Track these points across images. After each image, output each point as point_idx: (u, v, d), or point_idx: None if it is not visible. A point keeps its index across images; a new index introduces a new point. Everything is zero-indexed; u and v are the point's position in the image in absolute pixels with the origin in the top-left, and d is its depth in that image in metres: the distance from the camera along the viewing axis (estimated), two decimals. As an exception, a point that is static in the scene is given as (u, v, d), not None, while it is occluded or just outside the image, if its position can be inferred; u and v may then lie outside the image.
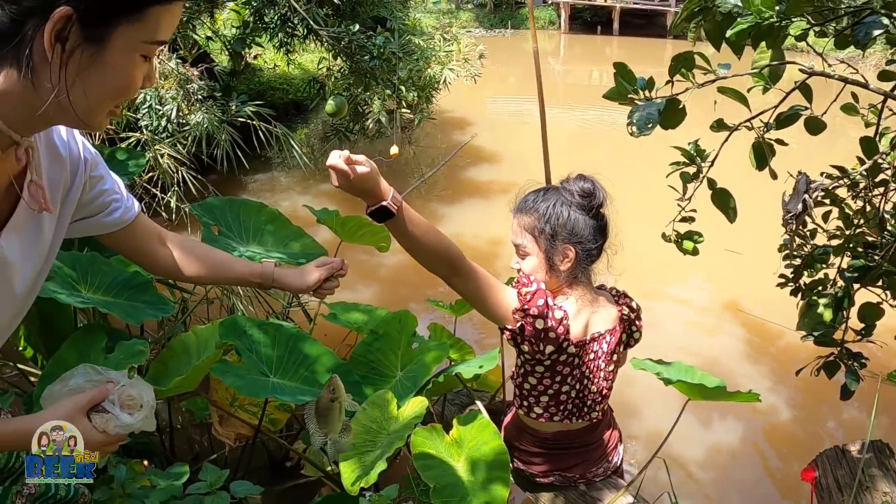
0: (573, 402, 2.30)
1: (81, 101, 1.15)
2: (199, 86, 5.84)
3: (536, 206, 2.20)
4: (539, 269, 2.23)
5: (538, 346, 2.14)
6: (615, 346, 2.30)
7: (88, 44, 1.11)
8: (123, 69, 1.16)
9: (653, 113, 1.91)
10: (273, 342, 2.93)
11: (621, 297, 2.39)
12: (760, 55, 2.16)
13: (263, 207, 3.92)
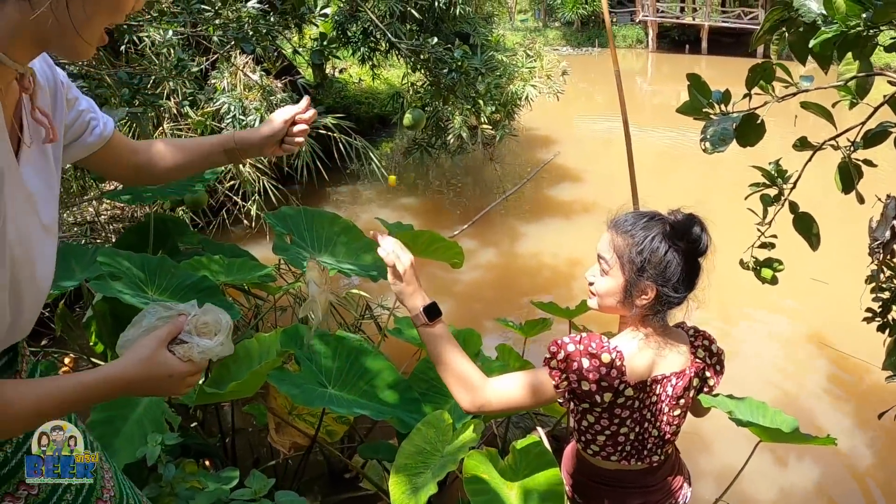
0: (631, 443, 2.16)
1: (80, 17, 1.14)
2: (282, 97, 5.90)
3: (635, 231, 2.04)
4: (612, 294, 2.09)
5: (594, 399, 2.03)
6: (682, 391, 2.13)
7: None
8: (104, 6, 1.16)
9: (728, 128, 1.80)
10: (334, 354, 2.91)
11: (699, 338, 2.20)
12: (846, 67, 2.00)
13: (337, 218, 3.92)
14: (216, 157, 1.83)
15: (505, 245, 8.01)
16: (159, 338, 1.34)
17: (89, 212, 7.09)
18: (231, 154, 1.81)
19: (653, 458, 2.17)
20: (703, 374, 2.17)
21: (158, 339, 1.34)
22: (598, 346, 1.97)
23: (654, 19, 29.67)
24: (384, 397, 2.81)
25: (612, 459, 2.16)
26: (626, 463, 2.17)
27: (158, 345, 1.33)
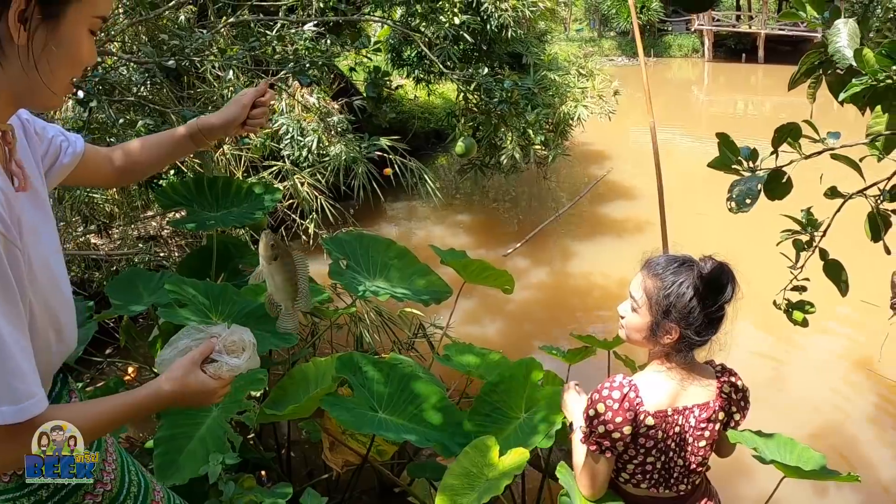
0: (659, 472, 2.27)
1: (48, 74, 1.30)
2: (338, 119, 6.09)
3: (665, 275, 2.17)
4: (640, 330, 2.23)
5: (621, 435, 2.16)
6: (706, 422, 2.23)
7: (47, 21, 1.26)
8: (78, 41, 1.32)
9: (753, 188, 1.88)
10: (386, 379, 3.06)
11: (724, 374, 2.31)
12: (876, 120, 2.03)
13: (392, 244, 4.08)
14: (185, 145, 1.97)
15: (557, 264, 8.09)
16: (193, 359, 1.52)
17: (153, 226, 7.36)
18: (197, 139, 1.95)
19: (680, 487, 2.28)
20: (728, 410, 2.26)
21: (192, 361, 1.51)
22: (611, 387, 2.14)
23: (709, 28, 29.38)
24: (431, 420, 2.94)
25: (641, 487, 2.28)
26: (655, 491, 2.28)
27: (192, 366, 1.51)
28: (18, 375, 1.26)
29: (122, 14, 5.06)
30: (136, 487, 1.83)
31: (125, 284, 3.65)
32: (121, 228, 6.92)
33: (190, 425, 2.76)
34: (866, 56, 1.82)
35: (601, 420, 2.13)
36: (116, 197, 6.61)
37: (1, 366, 1.23)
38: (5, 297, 1.23)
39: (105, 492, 1.70)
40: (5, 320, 1.22)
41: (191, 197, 4.04)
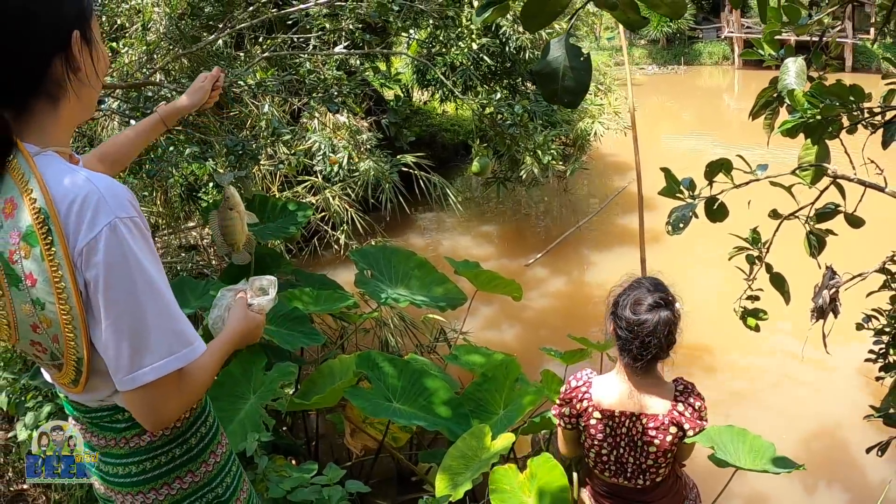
0: (614, 464, 2.63)
1: (91, 94, 1.57)
2: (367, 136, 6.52)
3: (623, 283, 2.63)
4: (610, 332, 2.66)
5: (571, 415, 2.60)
6: (656, 432, 2.54)
7: (87, 46, 1.51)
8: (102, 47, 1.58)
9: (686, 214, 2.27)
10: (400, 374, 3.50)
11: (683, 394, 2.61)
12: (807, 150, 2.33)
13: (412, 255, 4.53)
14: (159, 128, 2.35)
15: (575, 274, 8.43)
16: (243, 304, 1.86)
17: (193, 236, 7.83)
18: (169, 121, 2.33)
19: (637, 482, 2.64)
20: (680, 425, 2.56)
21: (243, 306, 1.85)
22: (574, 377, 2.59)
23: (739, 35, 29.22)
24: (439, 412, 3.38)
25: (605, 475, 2.68)
26: (616, 480, 2.67)
27: (245, 308, 1.84)
28: (184, 323, 1.50)
29: (167, 46, 5.53)
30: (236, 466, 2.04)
31: (175, 290, 4.10)
32: (163, 238, 7.37)
33: (231, 410, 3.22)
34: (797, 96, 2.13)
35: (560, 399, 2.60)
36: (161, 209, 7.08)
37: (170, 318, 1.46)
38: (160, 270, 1.46)
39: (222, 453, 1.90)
40: (164, 283, 1.47)
41: (231, 213, 4.52)
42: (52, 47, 1.46)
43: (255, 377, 3.35)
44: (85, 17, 1.51)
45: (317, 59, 5.51)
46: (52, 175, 1.42)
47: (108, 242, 1.38)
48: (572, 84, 1.39)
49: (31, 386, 4.01)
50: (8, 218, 1.43)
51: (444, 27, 5.75)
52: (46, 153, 1.47)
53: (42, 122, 1.50)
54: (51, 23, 1.45)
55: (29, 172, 1.42)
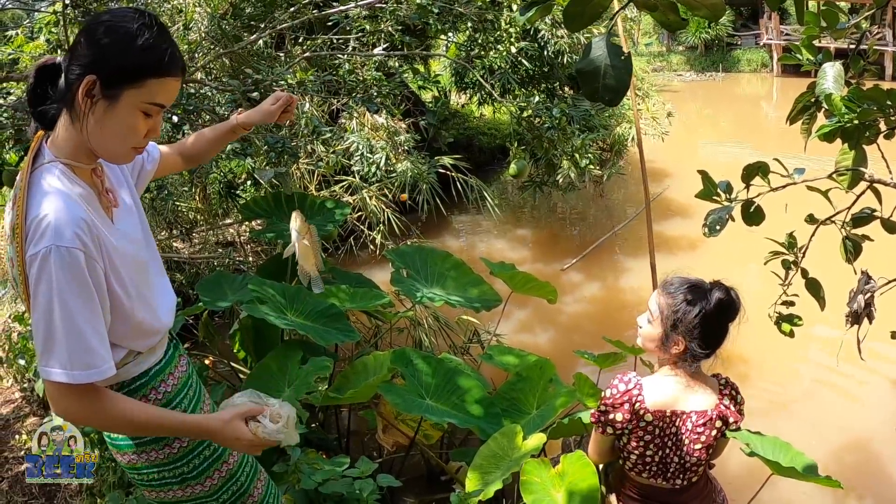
0: (657, 465, 2.60)
1: (99, 139, 1.72)
2: (405, 138, 6.56)
3: (677, 294, 2.50)
4: (652, 340, 2.57)
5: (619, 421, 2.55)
6: (703, 427, 2.53)
7: (105, 100, 1.67)
8: (128, 120, 1.71)
9: (723, 217, 2.27)
10: (434, 372, 3.53)
11: (726, 387, 2.60)
12: (843, 155, 2.34)
13: (449, 256, 4.55)
14: (227, 139, 2.51)
15: (609, 279, 8.41)
16: (240, 412, 1.88)
17: (230, 233, 7.94)
18: (238, 132, 2.44)
19: (676, 482, 2.62)
20: (725, 418, 2.56)
21: (239, 413, 1.88)
22: (621, 380, 2.55)
23: (778, 42, 28.87)
24: (471, 410, 3.40)
25: (643, 476, 2.66)
26: (654, 481, 2.65)
27: (238, 416, 1.87)
28: (88, 350, 1.65)
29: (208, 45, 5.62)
30: (249, 467, 2.26)
31: (213, 284, 4.20)
32: (202, 234, 7.48)
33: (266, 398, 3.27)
34: (834, 100, 2.15)
35: (605, 404, 2.55)
36: (200, 206, 7.19)
37: (78, 339, 1.64)
38: (82, 296, 1.65)
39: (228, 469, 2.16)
40: (79, 311, 1.65)
41: (270, 210, 4.59)
42: (80, 72, 1.66)
43: (291, 371, 3.40)
44: (119, 74, 1.67)
45: (356, 60, 5.56)
46: (34, 193, 1.68)
47: (39, 264, 1.62)
48: (613, 83, 1.42)
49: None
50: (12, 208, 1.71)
51: (483, 30, 5.78)
52: (50, 165, 1.73)
53: (61, 133, 1.74)
54: (92, 52, 1.66)
55: (19, 181, 1.70)
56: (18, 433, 4.57)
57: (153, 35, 1.70)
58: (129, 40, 1.67)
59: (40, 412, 4.82)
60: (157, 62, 1.70)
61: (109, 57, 1.66)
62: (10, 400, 5.09)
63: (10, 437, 4.56)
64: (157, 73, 1.70)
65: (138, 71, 1.68)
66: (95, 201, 1.80)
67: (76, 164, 1.76)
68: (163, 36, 1.73)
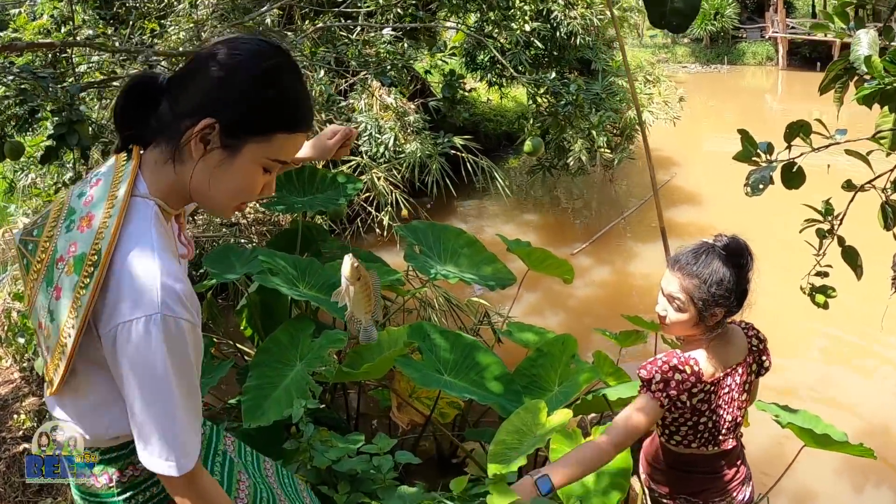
0: (709, 431, 2.53)
1: (206, 190, 1.47)
2: (414, 118, 6.45)
3: (699, 271, 2.42)
4: (685, 324, 2.49)
5: (687, 404, 2.45)
6: (746, 377, 2.53)
7: (223, 149, 1.42)
8: (246, 175, 1.46)
9: (766, 176, 2.16)
10: (452, 347, 3.41)
11: (749, 330, 2.59)
12: (884, 119, 2.25)
13: (462, 233, 4.43)
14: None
15: (619, 264, 8.32)
16: None
17: (235, 214, 7.78)
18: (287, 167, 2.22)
19: (726, 443, 2.55)
20: (759, 359, 2.56)
21: None
22: (680, 362, 2.42)
23: (783, 36, 28.73)
24: (491, 387, 3.28)
25: (692, 447, 2.56)
26: (704, 449, 2.55)
27: None
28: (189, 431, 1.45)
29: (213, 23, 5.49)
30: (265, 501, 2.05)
31: (220, 257, 4.07)
32: (205, 215, 7.36)
33: (276, 377, 3.16)
34: (874, 62, 2.06)
35: (673, 387, 2.40)
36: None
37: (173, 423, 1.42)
38: (186, 374, 1.43)
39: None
40: (185, 387, 1.43)
41: (280, 183, 4.46)
42: (195, 111, 1.41)
43: (303, 344, 3.28)
44: (246, 124, 1.43)
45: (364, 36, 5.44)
46: (133, 230, 1.43)
47: (140, 334, 1.37)
48: (681, 5, 1.31)
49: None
50: (80, 228, 1.44)
51: (497, 7, 5.66)
52: (148, 201, 1.46)
53: (154, 166, 1.48)
54: (214, 90, 1.42)
55: (117, 210, 1.41)
56: (17, 413, 4.48)
57: (291, 81, 1.48)
58: (262, 85, 1.43)
59: (39, 392, 4.73)
60: (292, 116, 1.47)
61: (236, 101, 1.41)
62: (9, 380, 4.99)
63: (9, 418, 4.47)
64: (289, 128, 1.47)
65: (269, 123, 1.44)
66: (175, 252, 1.54)
67: (165, 206, 1.50)
68: (301, 83, 1.51)
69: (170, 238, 1.51)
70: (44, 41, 4.07)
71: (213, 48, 1.46)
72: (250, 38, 1.49)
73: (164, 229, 1.48)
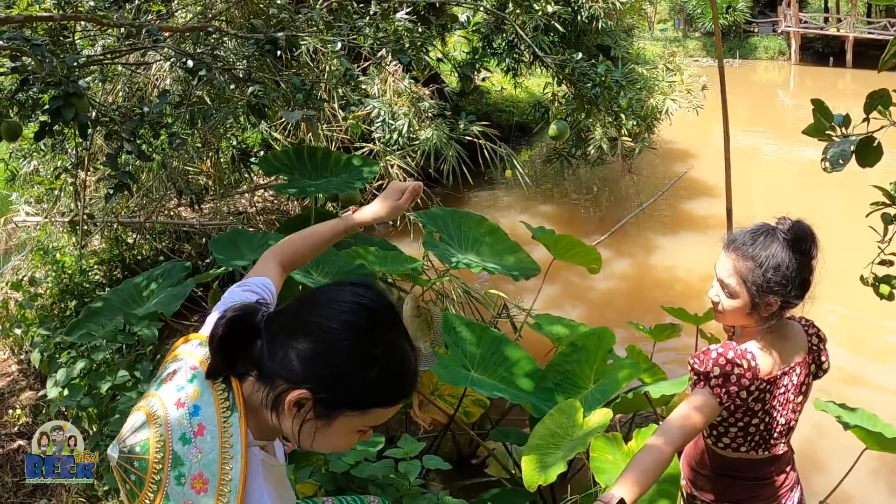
0: (760, 434, 2.32)
1: (305, 443, 1.44)
2: (429, 104, 6.23)
3: (755, 253, 2.19)
4: (738, 312, 2.26)
5: (745, 401, 2.21)
6: (804, 378, 2.31)
7: (318, 419, 1.39)
8: (341, 440, 1.45)
9: (846, 150, 1.94)
10: (479, 341, 3.17)
11: (810, 327, 2.37)
12: None
13: (483, 221, 4.19)
14: (334, 240, 2.11)
15: (640, 256, 8.12)
16: None
17: (242, 203, 7.62)
18: (351, 230, 2.07)
19: (777, 448, 2.32)
20: (818, 359, 2.33)
21: None
22: (737, 355, 2.17)
23: (796, 30, 28.53)
24: (521, 384, 3.04)
25: (741, 450, 2.32)
26: (755, 453, 2.32)
27: None
28: None
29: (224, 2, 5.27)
30: None
31: (228, 243, 3.84)
32: (212, 203, 7.19)
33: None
34: None
35: (732, 381, 2.16)
36: (211, 172, 6.86)
37: None
38: None
39: None
40: None
41: (291, 165, 4.22)
42: (285, 373, 1.39)
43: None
44: (343, 403, 1.39)
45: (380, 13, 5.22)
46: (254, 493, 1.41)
47: None
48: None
49: (66, 343, 3.79)
50: (194, 488, 1.39)
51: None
52: (253, 449, 1.44)
53: (260, 411, 1.45)
54: (311, 365, 1.38)
55: (234, 486, 1.39)
56: (13, 408, 4.32)
57: (391, 355, 1.41)
58: (361, 366, 1.38)
59: (37, 385, 4.57)
60: (390, 394, 1.43)
61: (328, 383, 1.38)
62: (6, 373, 4.84)
63: (4, 413, 4.32)
64: (387, 404, 1.43)
65: (366, 402, 1.41)
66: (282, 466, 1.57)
67: (268, 444, 1.51)
68: (401, 350, 1.43)
69: (272, 472, 1.49)
70: (43, 14, 3.84)
71: (316, 300, 1.45)
72: (351, 297, 1.43)
73: (267, 470, 1.46)
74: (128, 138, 3.30)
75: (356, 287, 1.45)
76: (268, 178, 6.82)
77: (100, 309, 3.94)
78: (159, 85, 5.70)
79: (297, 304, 1.47)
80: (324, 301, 1.43)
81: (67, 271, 5.29)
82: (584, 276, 4.22)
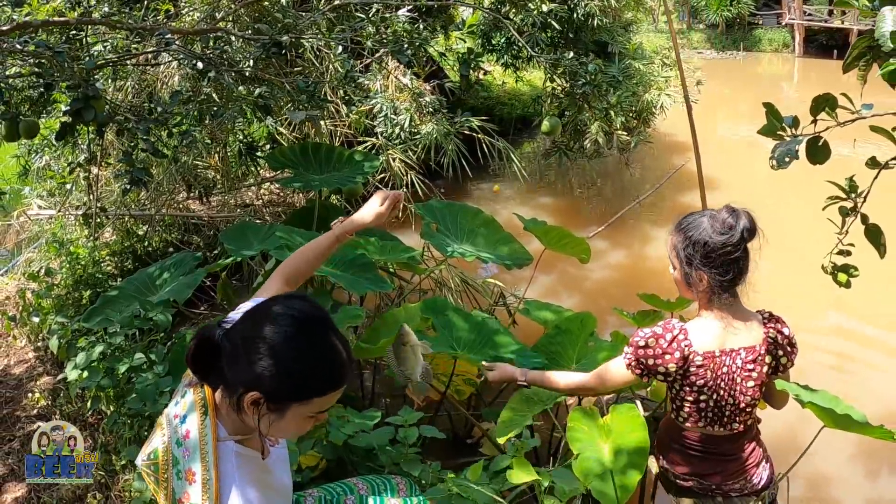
0: (711, 410, 2.51)
1: (272, 434, 1.79)
2: (430, 99, 6.41)
3: (684, 229, 2.45)
4: (679, 283, 2.52)
5: (666, 368, 2.44)
6: (753, 365, 2.47)
7: (272, 413, 1.70)
8: (295, 426, 1.77)
9: (792, 149, 2.13)
10: (469, 327, 3.39)
11: (770, 321, 2.53)
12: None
13: (479, 213, 4.41)
14: (331, 250, 2.40)
15: (635, 247, 8.29)
16: None
17: (249, 196, 7.82)
18: (343, 239, 2.35)
19: (733, 426, 2.53)
20: (775, 354, 2.49)
21: None
22: (664, 328, 2.44)
23: (800, 23, 28.40)
24: (507, 355, 3.26)
25: (699, 425, 2.54)
26: (711, 429, 2.54)
27: None
28: None
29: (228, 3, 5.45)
30: None
31: (237, 234, 4.06)
32: (220, 196, 7.36)
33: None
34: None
35: (648, 354, 2.43)
36: (219, 166, 7.05)
37: None
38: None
39: None
40: None
41: (297, 161, 4.45)
42: (244, 386, 1.69)
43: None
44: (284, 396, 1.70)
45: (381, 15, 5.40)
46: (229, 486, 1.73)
47: None
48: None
49: (83, 329, 4.00)
50: (188, 480, 1.73)
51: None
52: (228, 443, 1.77)
53: (230, 413, 1.76)
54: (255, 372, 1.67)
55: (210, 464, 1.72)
56: (31, 392, 4.51)
57: (322, 351, 1.72)
58: (299, 367, 1.69)
59: (54, 371, 4.75)
60: (321, 388, 1.73)
61: (272, 382, 1.68)
62: (24, 360, 5.01)
63: (23, 397, 4.50)
64: (322, 394, 1.73)
65: (303, 394, 1.71)
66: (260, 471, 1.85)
67: (242, 439, 1.81)
68: (334, 348, 1.73)
69: (249, 462, 1.81)
70: (59, 19, 4.05)
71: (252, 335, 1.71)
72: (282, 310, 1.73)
73: (243, 459, 1.79)
74: (144, 137, 3.51)
75: (287, 300, 1.76)
76: (274, 172, 7.01)
77: (115, 297, 4.17)
78: (168, 81, 5.89)
79: (241, 321, 1.77)
80: (260, 318, 1.72)
81: (81, 262, 5.48)
82: (580, 267, 4.41)
